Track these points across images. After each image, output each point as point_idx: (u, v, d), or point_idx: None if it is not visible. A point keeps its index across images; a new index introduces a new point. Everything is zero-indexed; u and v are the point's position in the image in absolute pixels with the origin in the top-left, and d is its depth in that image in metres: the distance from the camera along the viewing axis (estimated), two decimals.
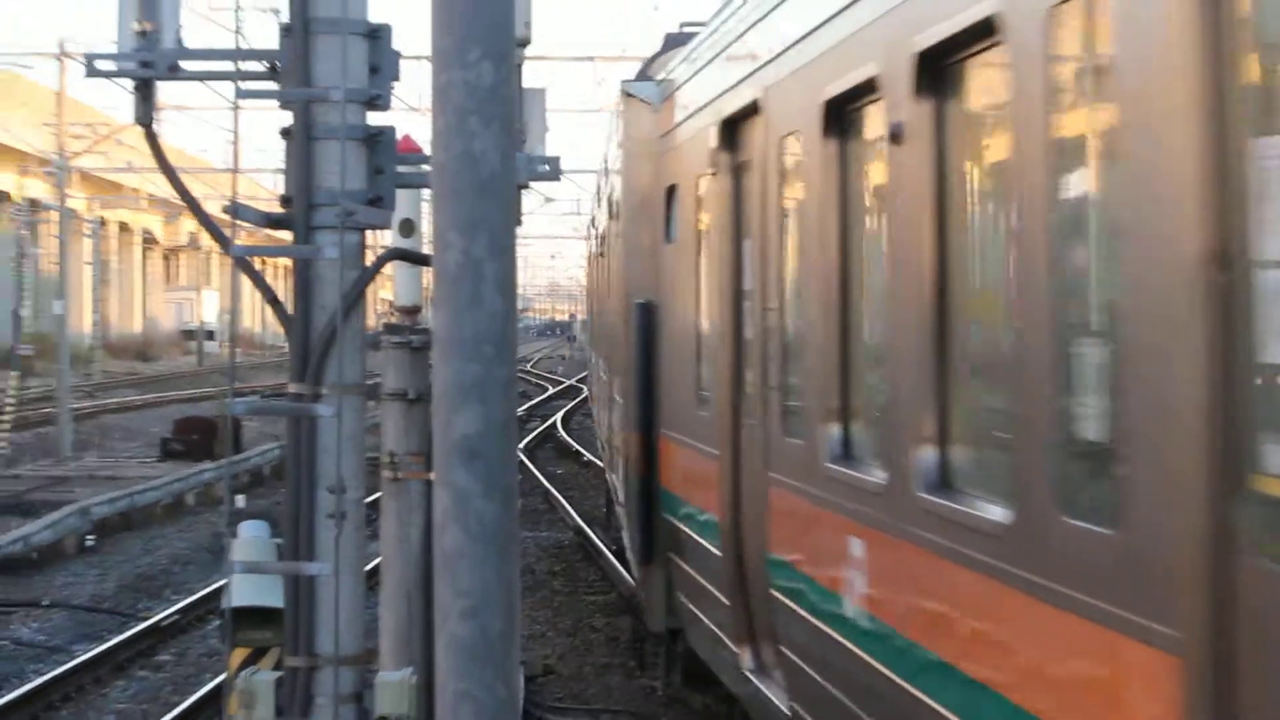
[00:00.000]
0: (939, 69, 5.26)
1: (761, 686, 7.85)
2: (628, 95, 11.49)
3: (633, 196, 11.42)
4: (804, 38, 6.75)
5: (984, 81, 5.12)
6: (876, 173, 6.06)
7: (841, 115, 6.36)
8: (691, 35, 11.11)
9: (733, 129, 8.41)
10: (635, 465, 11.06)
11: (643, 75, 12.36)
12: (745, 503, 8.18)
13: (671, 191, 10.47)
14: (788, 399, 7.23)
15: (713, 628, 9.06)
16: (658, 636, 11.55)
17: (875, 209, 6.14)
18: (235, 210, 6.25)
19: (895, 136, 5.50)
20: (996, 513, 4.72)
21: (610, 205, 14.49)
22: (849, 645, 6.15)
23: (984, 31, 4.82)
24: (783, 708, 7.37)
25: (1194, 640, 3.59)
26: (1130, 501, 3.87)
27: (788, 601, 7.12)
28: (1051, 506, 4.30)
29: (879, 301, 5.93)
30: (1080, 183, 4.34)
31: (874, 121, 5.97)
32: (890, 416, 5.66)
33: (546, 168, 6.72)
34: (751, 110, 7.80)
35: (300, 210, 6.33)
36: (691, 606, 9.78)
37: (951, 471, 5.28)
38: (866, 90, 5.89)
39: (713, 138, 8.66)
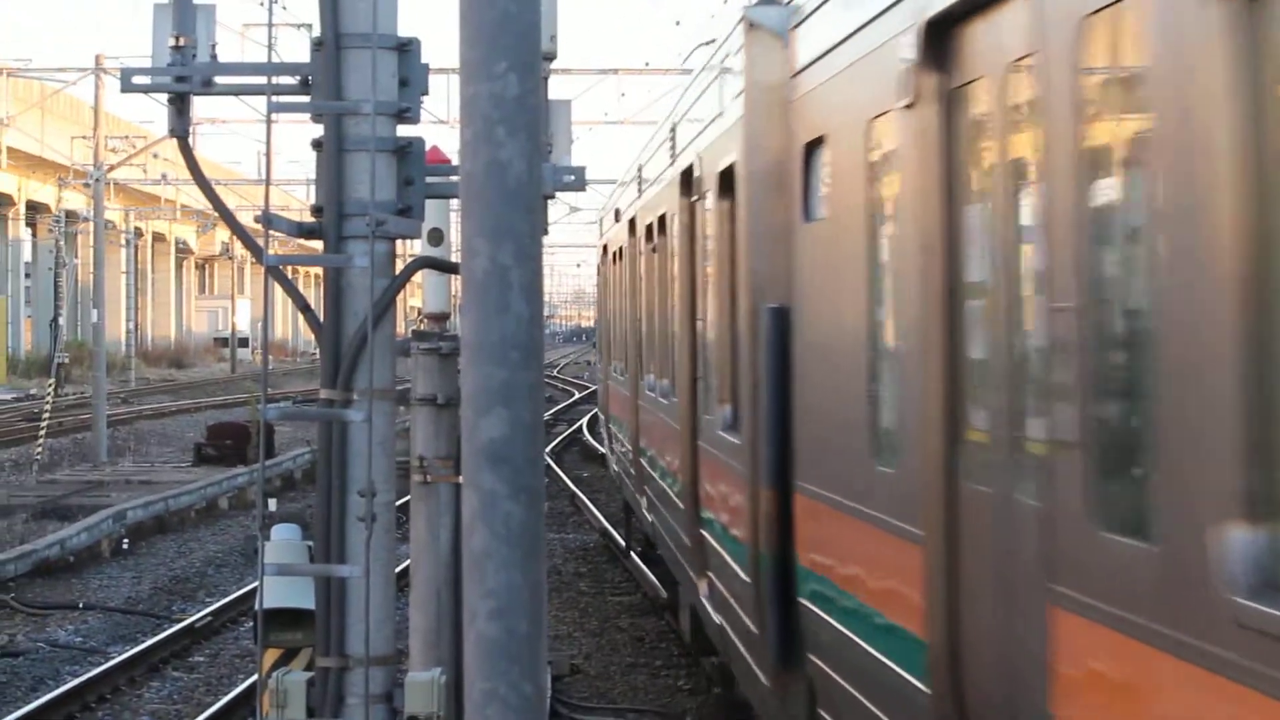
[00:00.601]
0: None
1: None
2: (751, 25, 8.18)
3: (757, 162, 8.21)
4: None
5: None
6: None
7: None
8: None
9: (943, 34, 5.61)
10: (766, 533, 7.99)
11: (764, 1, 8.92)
12: (981, 623, 5.38)
13: (812, 150, 7.51)
14: (1106, 464, 4.37)
15: None
16: None
17: None
18: (268, 220, 6.37)
19: None
20: None
21: (690, 181, 11.07)
22: None
23: None
24: None
25: None
26: None
27: None
28: None
29: None
30: None
31: None
32: None
33: (572, 178, 6.80)
34: None
35: (331, 220, 6.44)
36: None
37: None
38: None
39: (909, 49, 5.75)
